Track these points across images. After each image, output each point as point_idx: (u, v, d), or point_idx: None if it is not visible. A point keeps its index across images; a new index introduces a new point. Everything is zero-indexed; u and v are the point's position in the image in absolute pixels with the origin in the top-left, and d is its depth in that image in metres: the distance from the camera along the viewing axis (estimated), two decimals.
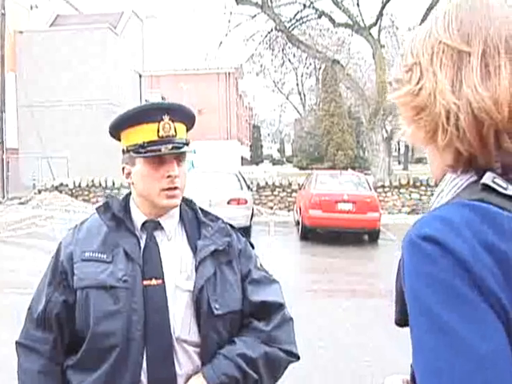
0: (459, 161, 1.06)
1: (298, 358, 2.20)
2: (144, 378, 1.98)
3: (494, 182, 1.00)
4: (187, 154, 2.16)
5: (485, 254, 0.91)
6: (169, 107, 2.08)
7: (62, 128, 30.09)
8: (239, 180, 16.86)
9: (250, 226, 16.09)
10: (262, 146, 75.45)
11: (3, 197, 24.26)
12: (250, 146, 72.35)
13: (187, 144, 2.10)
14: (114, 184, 22.38)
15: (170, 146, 2.03)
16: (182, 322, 2.03)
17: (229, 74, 57.73)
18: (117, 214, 2.13)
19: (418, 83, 1.09)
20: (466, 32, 1.05)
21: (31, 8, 32.41)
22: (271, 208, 22.01)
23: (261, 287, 2.19)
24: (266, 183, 22.49)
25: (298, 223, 17.02)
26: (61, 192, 22.86)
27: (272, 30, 25.36)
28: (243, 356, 2.03)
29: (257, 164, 64.78)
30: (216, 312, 2.04)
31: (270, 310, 2.17)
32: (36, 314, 2.11)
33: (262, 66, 26.40)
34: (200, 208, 2.28)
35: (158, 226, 2.14)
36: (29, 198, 22.96)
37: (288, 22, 24.19)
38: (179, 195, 2.10)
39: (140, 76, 38.45)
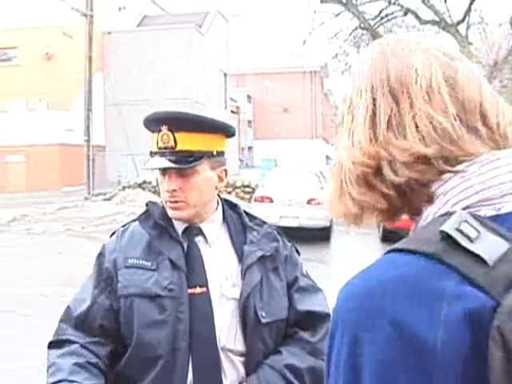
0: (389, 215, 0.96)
1: None
2: None
3: (459, 231, 0.77)
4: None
5: (397, 344, 0.74)
6: (166, 117, 1.98)
7: None
8: (320, 179, 16.59)
9: (330, 226, 15.84)
10: None
11: (89, 193, 24.91)
12: None
13: (193, 155, 1.97)
14: None
15: (165, 159, 1.96)
16: (227, 331, 1.95)
17: (314, 72, 57.41)
18: (158, 222, 2.06)
19: None
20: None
21: (119, 9, 33.17)
22: None
23: (307, 296, 2.11)
24: None
25: (379, 224, 16.64)
26: (144, 189, 23.30)
27: (356, 28, 24.97)
28: (290, 367, 1.95)
29: None
30: (263, 320, 1.95)
31: (316, 320, 2.08)
32: (76, 313, 1.99)
33: (347, 64, 26.01)
34: (245, 212, 2.19)
35: (200, 232, 2.06)
36: (113, 195, 23.53)
37: (372, 20, 23.76)
38: (184, 208, 1.99)
39: (225, 75, 38.74)
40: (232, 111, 43.76)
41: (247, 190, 22.62)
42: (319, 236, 14.96)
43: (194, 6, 51.58)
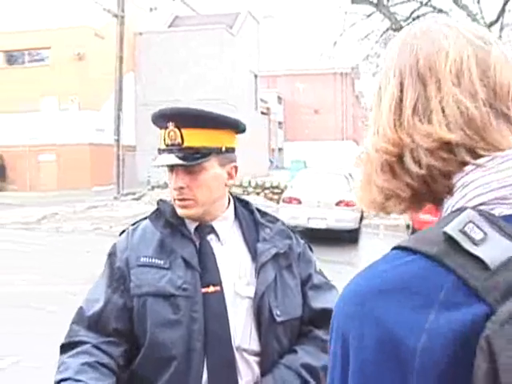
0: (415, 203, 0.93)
1: None
2: None
3: (463, 232, 0.73)
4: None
5: (381, 345, 0.72)
6: (172, 113, 1.96)
7: None
8: (349, 181, 16.49)
9: (358, 229, 15.77)
10: None
11: (118, 192, 25.06)
12: None
13: (200, 152, 1.94)
14: None
15: (173, 156, 1.93)
16: (242, 331, 1.94)
17: (345, 74, 57.23)
18: (170, 220, 2.03)
19: None
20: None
21: (150, 10, 33.33)
22: None
23: (321, 293, 2.09)
24: None
25: (408, 227, 16.47)
26: None
27: (388, 30, 24.81)
28: (306, 366, 1.93)
29: None
30: (278, 319, 1.93)
31: (331, 317, 1.99)
32: (89, 313, 1.96)
33: (378, 66, 25.86)
34: (257, 208, 2.17)
35: (212, 230, 2.03)
36: (142, 194, 23.68)
37: (404, 21, 23.57)
38: (192, 206, 1.97)
39: (256, 76, 38.74)
40: (262, 112, 43.75)
41: (276, 191, 22.62)
42: (347, 238, 14.93)
43: (224, 7, 51.72)
